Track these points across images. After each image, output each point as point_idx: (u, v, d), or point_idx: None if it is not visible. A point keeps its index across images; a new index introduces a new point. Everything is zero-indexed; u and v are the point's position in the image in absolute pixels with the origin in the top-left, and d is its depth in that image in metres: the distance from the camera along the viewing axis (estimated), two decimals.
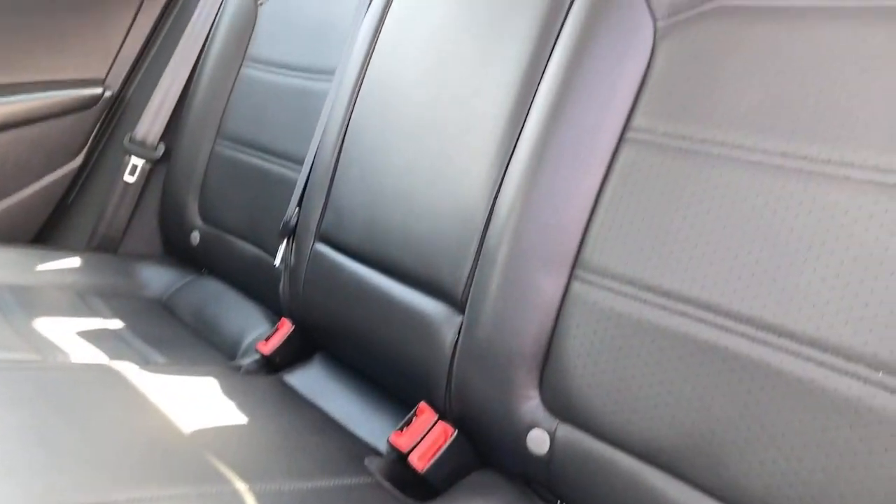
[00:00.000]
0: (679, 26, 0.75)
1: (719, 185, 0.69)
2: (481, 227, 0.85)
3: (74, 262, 1.38)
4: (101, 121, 1.54)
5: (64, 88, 1.49)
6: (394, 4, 1.09)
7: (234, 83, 1.40)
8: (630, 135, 0.77)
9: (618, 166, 0.77)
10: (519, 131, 0.85)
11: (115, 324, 1.21)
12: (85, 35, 1.50)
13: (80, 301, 1.26)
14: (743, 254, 0.67)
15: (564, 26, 0.84)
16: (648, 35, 0.77)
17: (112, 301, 1.30)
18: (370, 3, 1.14)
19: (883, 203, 0.60)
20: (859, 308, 0.59)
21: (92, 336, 1.12)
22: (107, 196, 1.50)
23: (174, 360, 1.11)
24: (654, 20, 0.77)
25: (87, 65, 1.52)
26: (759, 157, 0.67)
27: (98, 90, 1.52)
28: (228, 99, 1.40)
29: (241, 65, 1.40)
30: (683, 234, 0.71)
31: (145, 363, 1.06)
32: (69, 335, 1.10)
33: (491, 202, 0.85)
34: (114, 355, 1.06)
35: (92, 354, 1.06)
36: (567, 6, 0.84)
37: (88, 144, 1.54)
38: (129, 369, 0.96)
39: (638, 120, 0.77)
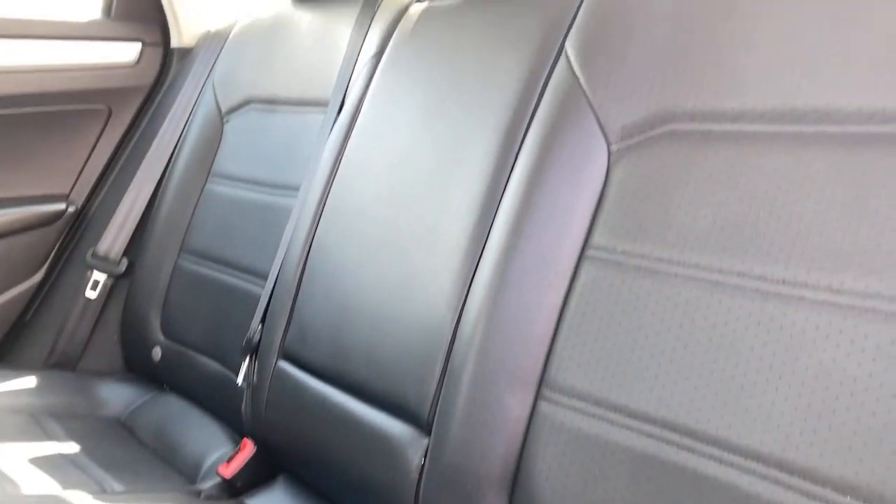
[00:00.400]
0: (632, 149, 0.78)
1: (679, 303, 0.70)
2: (446, 346, 0.85)
3: (30, 381, 1.34)
4: (63, 236, 1.53)
5: (26, 205, 1.48)
6: (358, 123, 1.12)
7: (198, 198, 1.40)
8: (590, 252, 0.78)
9: (579, 284, 0.78)
10: (481, 249, 0.86)
11: (71, 447, 1.16)
12: (50, 151, 1.51)
13: (34, 424, 1.22)
14: (706, 373, 0.67)
15: (523, 147, 0.86)
16: (603, 157, 0.80)
17: (68, 422, 1.26)
18: (335, 121, 1.17)
19: (837, 323, 0.61)
20: (823, 430, 0.59)
21: (45, 463, 1.08)
22: (67, 312, 1.48)
23: (131, 486, 1.07)
24: (608, 143, 0.80)
25: (51, 181, 1.52)
26: (717, 277, 0.68)
27: (61, 206, 1.52)
28: (193, 213, 1.40)
29: (206, 180, 1.41)
30: (647, 352, 0.71)
31: (101, 491, 1.01)
32: (20, 463, 1.05)
33: (455, 319, 0.85)
34: (67, 484, 1.02)
35: (44, 484, 1.01)
36: (525, 128, 0.87)
37: (50, 260, 1.52)
38: (82, 500, 0.92)
39: (597, 238, 0.78)
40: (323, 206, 1.09)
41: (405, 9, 1.17)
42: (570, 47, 0.86)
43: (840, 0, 0.68)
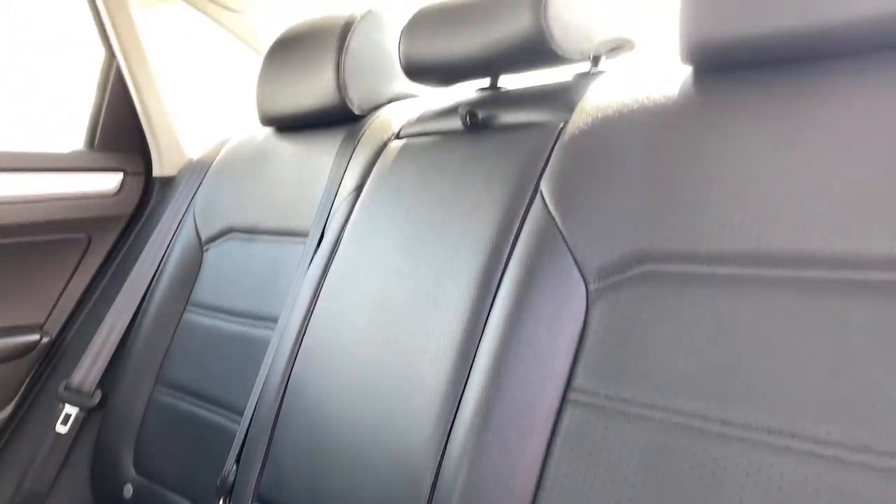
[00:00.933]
0: (609, 289, 0.78)
1: (664, 451, 0.68)
2: (427, 494, 0.82)
3: None
4: (35, 368, 1.50)
5: None
6: (337, 256, 1.12)
7: (176, 328, 1.38)
8: (572, 395, 0.77)
9: (562, 428, 0.76)
10: (462, 390, 0.84)
11: None
12: (25, 281, 1.49)
13: None
14: None
15: (501, 286, 0.86)
16: (581, 297, 0.79)
17: None
18: (314, 254, 1.17)
19: (825, 477, 0.59)
20: None
21: None
22: (36, 448, 1.42)
23: None
24: (586, 283, 0.80)
25: (26, 311, 1.50)
26: (701, 424, 0.67)
27: (35, 336, 1.49)
28: (170, 344, 1.37)
29: (184, 309, 1.39)
30: (634, 503, 0.68)
31: None
32: None
33: (437, 466, 0.82)
34: None
35: None
36: (503, 267, 0.87)
37: (20, 393, 1.48)
38: None
39: (579, 380, 0.77)
40: (301, 342, 1.08)
41: (385, 143, 1.20)
42: (544, 187, 0.87)
43: (805, 145, 0.70)
